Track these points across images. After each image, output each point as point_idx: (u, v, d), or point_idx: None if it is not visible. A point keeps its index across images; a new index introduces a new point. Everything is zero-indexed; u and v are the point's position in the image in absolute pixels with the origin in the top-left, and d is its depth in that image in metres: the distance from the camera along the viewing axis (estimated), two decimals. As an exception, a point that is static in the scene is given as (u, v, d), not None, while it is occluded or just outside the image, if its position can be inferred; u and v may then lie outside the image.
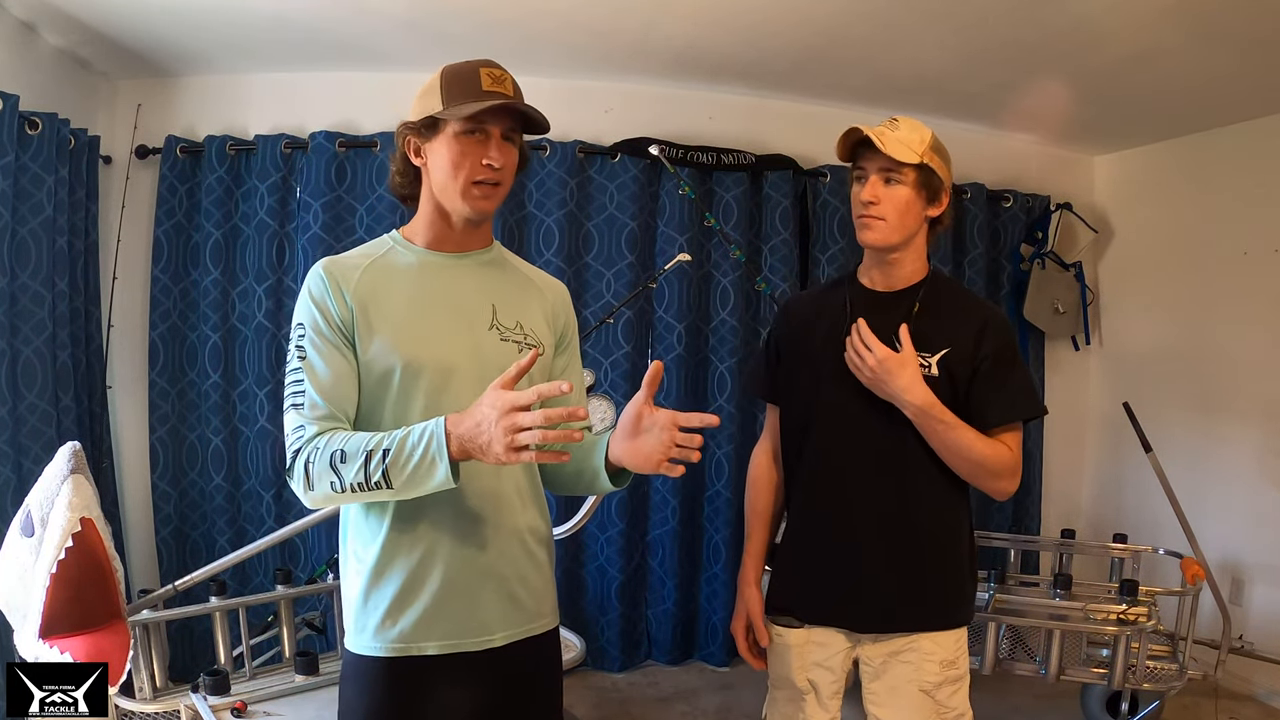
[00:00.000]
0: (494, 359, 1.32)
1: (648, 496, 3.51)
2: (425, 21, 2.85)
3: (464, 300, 1.37)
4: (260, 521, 3.25)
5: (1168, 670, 2.58)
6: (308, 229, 3.19)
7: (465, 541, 1.32)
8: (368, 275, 1.34)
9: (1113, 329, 4.06)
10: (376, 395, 1.31)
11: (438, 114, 1.30)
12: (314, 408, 1.27)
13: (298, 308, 1.33)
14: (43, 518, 1.56)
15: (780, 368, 1.75)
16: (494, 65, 1.33)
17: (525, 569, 1.38)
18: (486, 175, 1.31)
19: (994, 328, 1.60)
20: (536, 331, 1.41)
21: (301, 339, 1.31)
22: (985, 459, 1.54)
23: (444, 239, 1.39)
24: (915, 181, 1.57)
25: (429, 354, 1.30)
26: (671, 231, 3.45)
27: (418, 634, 1.31)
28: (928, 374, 1.56)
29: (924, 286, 1.64)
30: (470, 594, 1.33)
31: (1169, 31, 2.62)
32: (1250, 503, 3.36)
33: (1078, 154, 4.09)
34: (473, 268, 1.41)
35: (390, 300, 1.33)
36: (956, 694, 1.62)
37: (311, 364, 1.29)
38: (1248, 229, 3.40)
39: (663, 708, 3.21)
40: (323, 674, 2.13)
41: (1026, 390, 1.62)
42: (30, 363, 2.67)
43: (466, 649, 1.33)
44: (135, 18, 2.77)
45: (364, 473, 1.18)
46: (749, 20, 2.79)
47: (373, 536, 1.32)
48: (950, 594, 1.64)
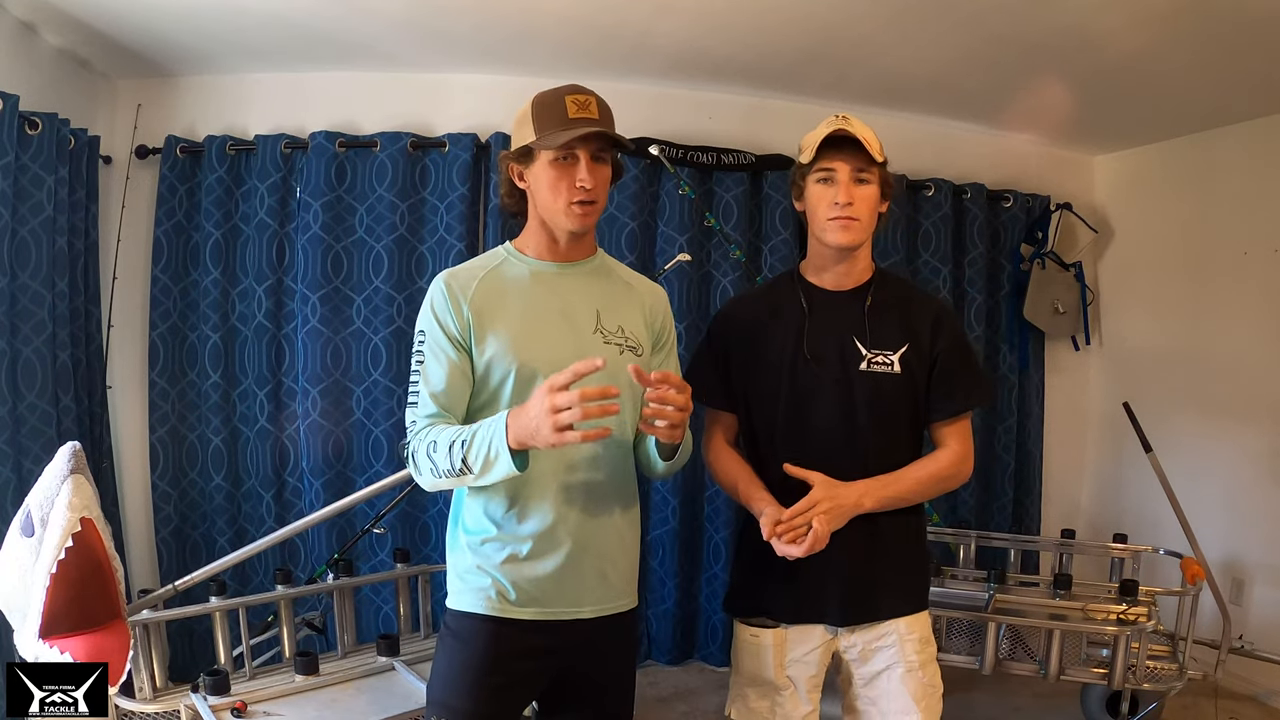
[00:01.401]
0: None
1: (648, 496, 3.51)
2: (425, 21, 2.85)
3: (571, 307, 1.53)
4: (260, 521, 3.25)
5: (1168, 670, 2.59)
6: (308, 229, 3.19)
7: (565, 523, 1.49)
8: (483, 285, 1.51)
9: (1113, 329, 4.06)
10: (493, 394, 1.49)
11: (531, 144, 1.46)
12: (426, 406, 1.47)
13: (420, 315, 1.52)
14: (43, 518, 1.57)
15: (734, 375, 1.73)
16: (579, 90, 1.47)
17: (616, 552, 1.58)
18: (581, 196, 1.46)
19: (946, 320, 1.67)
20: (636, 334, 1.57)
21: (421, 345, 1.51)
22: (940, 479, 1.65)
23: (551, 250, 1.56)
24: (880, 179, 1.61)
25: (540, 357, 1.46)
26: (671, 231, 3.45)
27: (518, 599, 1.49)
28: (889, 371, 1.62)
29: (874, 283, 1.68)
30: (566, 570, 1.50)
31: (1169, 31, 2.62)
32: (1250, 503, 3.36)
33: (1078, 154, 4.09)
34: (579, 276, 1.57)
35: (504, 308, 1.50)
36: (936, 670, 1.68)
37: (427, 369, 1.48)
38: (1248, 229, 3.40)
39: (663, 708, 3.21)
40: (323, 674, 2.13)
41: (978, 379, 1.72)
42: (30, 363, 2.67)
43: (558, 617, 1.50)
44: (135, 18, 2.77)
45: (450, 460, 1.38)
46: (749, 20, 2.79)
47: (482, 514, 1.50)
48: (918, 578, 1.73)
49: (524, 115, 1.49)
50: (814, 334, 1.66)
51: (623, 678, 1.65)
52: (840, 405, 1.62)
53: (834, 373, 1.64)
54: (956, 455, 1.65)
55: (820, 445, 1.63)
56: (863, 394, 1.62)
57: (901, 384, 1.62)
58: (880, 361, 1.62)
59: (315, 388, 3.20)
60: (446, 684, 1.51)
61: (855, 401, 1.62)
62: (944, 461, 1.65)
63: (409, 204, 3.24)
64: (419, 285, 3.23)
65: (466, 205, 3.23)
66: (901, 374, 1.62)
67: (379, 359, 3.22)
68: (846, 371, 1.63)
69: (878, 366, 1.63)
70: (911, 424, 1.67)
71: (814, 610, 1.67)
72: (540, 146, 1.45)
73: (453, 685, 1.49)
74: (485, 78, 3.34)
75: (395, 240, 3.22)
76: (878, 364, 1.63)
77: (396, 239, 3.22)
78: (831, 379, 1.64)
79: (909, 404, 1.65)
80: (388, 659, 2.26)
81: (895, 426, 1.65)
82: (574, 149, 1.45)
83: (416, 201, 3.27)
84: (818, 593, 1.65)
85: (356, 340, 3.24)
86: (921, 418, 1.67)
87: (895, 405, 1.64)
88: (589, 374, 1.27)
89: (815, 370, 1.64)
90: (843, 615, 1.65)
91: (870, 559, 1.63)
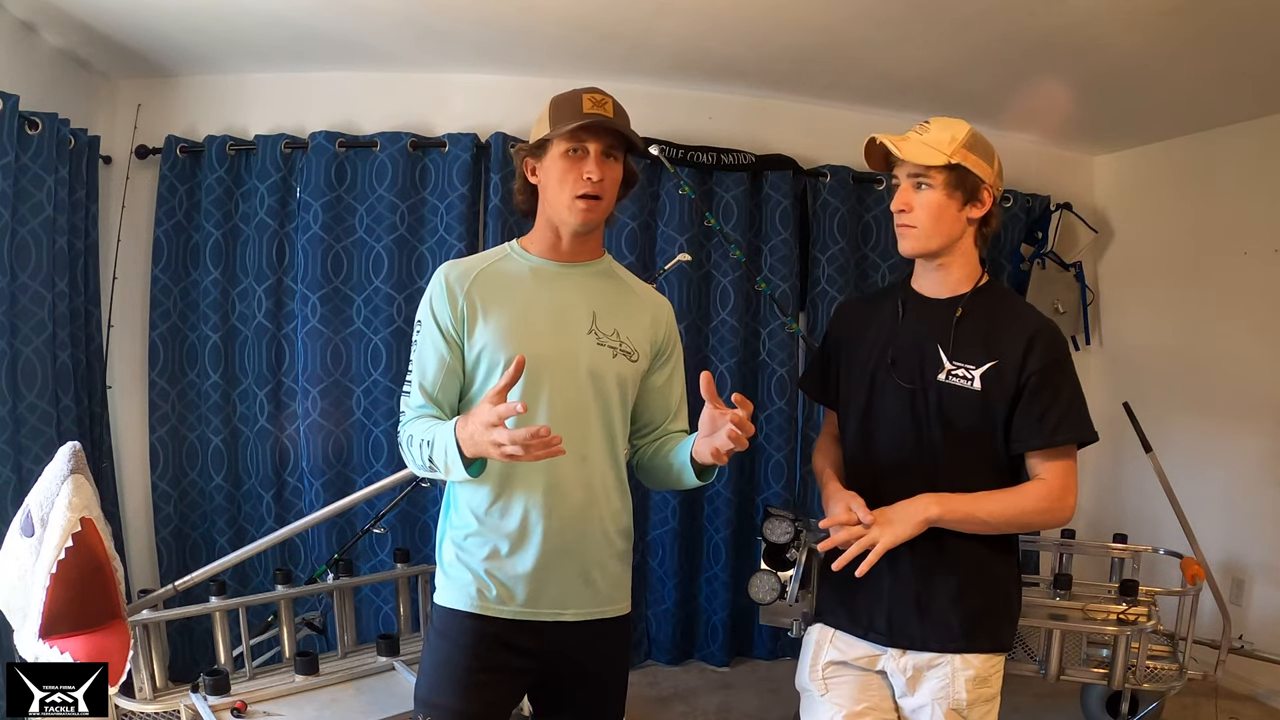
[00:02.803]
0: (588, 361, 1.50)
1: (648, 496, 3.51)
2: (425, 21, 2.85)
3: (567, 306, 1.52)
4: (260, 521, 3.25)
5: (1168, 670, 2.58)
6: (308, 229, 3.19)
7: (552, 525, 1.48)
8: (482, 278, 1.51)
9: (1113, 329, 4.06)
10: (483, 385, 1.49)
11: (545, 136, 1.47)
12: (417, 397, 1.49)
13: (420, 305, 1.53)
14: (43, 518, 1.56)
15: (835, 374, 1.72)
16: (596, 91, 1.48)
17: (604, 556, 1.54)
18: (587, 189, 1.46)
19: (1044, 341, 1.51)
20: (633, 340, 1.55)
21: (418, 335, 1.52)
22: (1023, 511, 1.50)
23: (555, 249, 1.55)
24: (946, 183, 1.51)
25: (529, 352, 1.41)
26: (671, 231, 3.45)
27: (498, 597, 1.49)
28: (968, 386, 1.52)
29: (971, 294, 1.58)
30: (550, 572, 1.49)
31: (1169, 32, 2.62)
32: (1250, 503, 3.36)
33: (1078, 154, 4.09)
34: (580, 277, 1.56)
35: (500, 302, 1.50)
36: (988, 715, 1.56)
37: (421, 359, 1.50)
38: (1248, 229, 3.40)
39: (662, 708, 3.21)
40: (323, 674, 2.13)
41: (1072, 413, 1.51)
42: (30, 363, 2.67)
43: (540, 618, 1.50)
44: (135, 18, 2.77)
45: (425, 455, 1.41)
46: (749, 20, 2.79)
47: (470, 512, 1.51)
48: (989, 615, 1.57)
49: (542, 115, 1.50)
50: (901, 339, 1.60)
51: (613, 684, 1.61)
52: (913, 414, 1.55)
53: (912, 380, 1.57)
54: (1046, 490, 1.50)
55: (890, 453, 1.58)
56: (936, 405, 1.54)
57: (979, 403, 1.51)
58: (960, 375, 1.53)
59: (315, 388, 3.20)
60: (432, 682, 1.50)
61: (929, 412, 1.54)
62: (1029, 494, 1.51)
63: (409, 204, 3.24)
64: (419, 285, 3.23)
65: (466, 205, 3.23)
66: (981, 392, 1.51)
67: (379, 359, 3.22)
68: (924, 380, 1.55)
69: (956, 380, 1.53)
70: (990, 448, 1.54)
71: (861, 622, 1.61)
72: (552, 136, 1.46)
73: (438, 683, 1.49)
74: (485, 78, 3.34)
75: (395, 240, 3.22)
76: (957, 377, 1.53)
77: (396, 239, 3.22)
78: (908, 386, 1.57)
79: (986, 425, 1.52)
80: (387, 659, 2.26)
81: (970, 447, 1.54)
82: (584, 141, 1.45)
83: (416, 201, 3.27)
84: (868, 605, 1.59)
85: (356, 340, 3.24)
86: (1003, 445, 1.53)
87: (971, 423, 1.53)
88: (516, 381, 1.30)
89: (895, 375, 1.58)
90: (889, 634, 1.58)
91: (929, 581, 1.54)
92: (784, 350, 3.57)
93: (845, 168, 3.61)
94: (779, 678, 3.45)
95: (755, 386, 3.61)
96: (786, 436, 3.58)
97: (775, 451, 3.57)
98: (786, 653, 3.63)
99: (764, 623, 2.59)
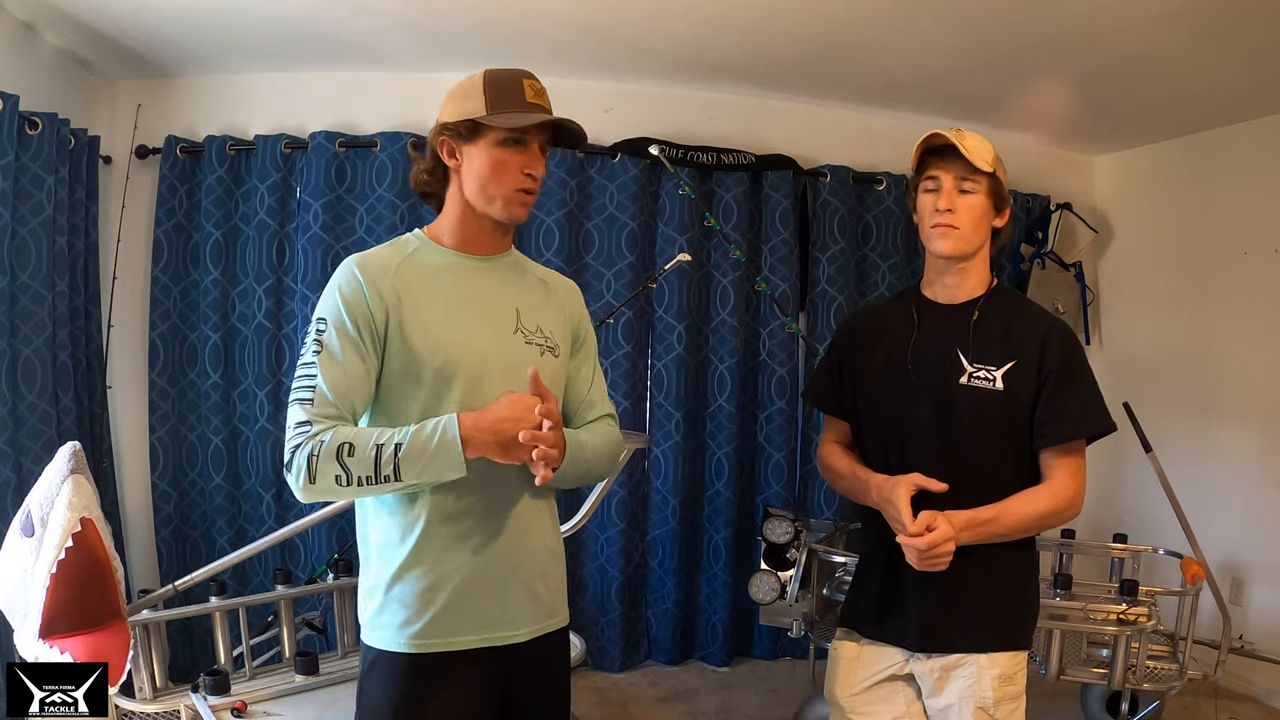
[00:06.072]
0: (519, 361, 1.37)
1: (648, 496, 3.51)
2: (425, 21, 2.85)
3: (492, 304, 1.41)
4: (260, 521, 3.25)
5: (1168, 670, 2.58)
6: (308, 229, 3.19)
7: (493, 540, 1.36)
8: (401, 274, 1.35)
9: (1113, 329, 4.06)
10: (405, 392, 1.34)
11: (483, 119, 1.33)
12: (322, 403, 1.28)
13: (322, 302, 1.35)
14: (43, 518, 1.57)
15: (846, 384, 1.73)
16: (533, 77, 1.38)
17: (546, 566, 1.44)
18: (528, 185, 1.37)
19: (1058, 339, 1.56)
20: (554, 335, 1.46)
21: (321, 334, 1.31)
22: (1040, 515, 1.54)
23: (471, 241, 1.42)
24: (988, 190, 1.56)
25: (464, 355, 1.34)
26: (671, 231, 3.45)
27: (446, 629, 1.34)
28: (991, 387, 1.54)
29: (985, 297, 1.62)
30: (497, 591, 1.37)
31: (1169, 32, 2.62)
32: (1250, 503, 3.36)
33: (1078, 154, 4.09)
34: (498, 272, 1.45)
35: (423, 300, 1.35)
36: (1015, 713, 1.58)
37: (328, 360, 1.30)
38: (1248, 229, 3.40)
39: (662, 708, 3.21)
40: (323, 674, 2.13)
41: (1092, 406, 1.56)
42: (30, 363, 2.67)
43: (493, 643, 1.37)
44: (135, 18, 2.77)
45: (374, 466, 1.23)
46: (749, 20, 2.79)
47: (401, 535, 1.34)
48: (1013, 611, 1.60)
49: (471, 88, 1.36)
50: (919, 346, 1.61)
51: (560, 698, 1.52)
52: (937, 419, 1.56)
53: (933, 386, 1.58)
54: (1061, 490, 1.54)
55: (916, 460, 1.58)
56: (961, 409, 1.55)
57: (1003, 403, 1.53)
58: (982, 377, 1.54)
59: (315, 388, 3.19)
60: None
61: (953, 417, 1.56)
62: (1045, 497, 1.54)
63: (409, 204, 3.24)
64: (419, 285, 3.22)
65: (466, 205, 3.23)
66: (1004, 392, 1.53)
67: (379, 359, 3.22)
68: (947, 385, 1.57)
69: (979, 382, 1.55)
70: (1014, 448, 1.56)
71: (882, 627, 1.63)
72: (497, 125, 1.33)
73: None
74: (485, 78, 3.34)
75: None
76: (979, 379, 1.55)
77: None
78: (930, 392, 1.58)
79: (1011, 425, 1.55)
80: (388, 659, 2.25)
81: (995, 448, 1.56)
82: (529, 134, 1.35)
83: (416, 201, 3.26)
84: (888, 610, 1.62)
85: (356, 340, 3.23)
86: (1026, 444, 1.56)
87: (995, 425, 1.55)
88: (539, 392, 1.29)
89: (915, 383, 1.59)
90: (921, 640, 1.59)
91: (959, 587, 1.55)
92: (784, 350, 3.57)
93: (845, 168, 3.61)
94: (779, 678, 3.46)
95: (755, 386, 3.61)
96: (786, 436, 3.58)
97: (775, 451, 3.57)
98: (786, 653, 3.63)
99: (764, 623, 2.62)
